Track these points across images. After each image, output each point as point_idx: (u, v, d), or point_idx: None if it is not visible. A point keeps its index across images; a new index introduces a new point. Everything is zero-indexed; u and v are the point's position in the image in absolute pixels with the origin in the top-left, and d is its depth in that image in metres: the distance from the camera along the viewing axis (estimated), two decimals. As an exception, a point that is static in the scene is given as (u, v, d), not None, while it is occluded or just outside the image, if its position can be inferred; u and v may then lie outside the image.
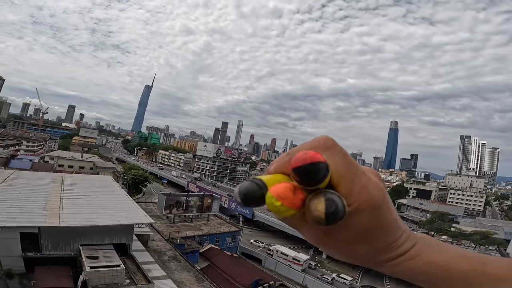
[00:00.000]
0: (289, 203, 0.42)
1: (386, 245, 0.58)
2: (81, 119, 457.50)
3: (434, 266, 0.57)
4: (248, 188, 0.44)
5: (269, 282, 30.50)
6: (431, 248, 0.60)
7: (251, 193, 0.44)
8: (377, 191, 0.52)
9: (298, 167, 0.42)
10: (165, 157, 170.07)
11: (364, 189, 0.50)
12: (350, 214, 0.50)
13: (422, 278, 0.59)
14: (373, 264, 0.61)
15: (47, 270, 18.46)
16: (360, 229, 0.53)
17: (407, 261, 0.58)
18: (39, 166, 58.82)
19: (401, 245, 0.58)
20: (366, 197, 0.50)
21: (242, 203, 0.44)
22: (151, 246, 28.82)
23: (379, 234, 0.56)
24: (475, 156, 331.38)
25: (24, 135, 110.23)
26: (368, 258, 0.60)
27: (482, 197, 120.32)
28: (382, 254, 0.58)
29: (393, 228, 0.57)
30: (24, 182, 29.71)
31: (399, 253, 0.58)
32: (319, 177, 0.43)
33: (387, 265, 0.60)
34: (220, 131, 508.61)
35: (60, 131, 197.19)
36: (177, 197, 42.76)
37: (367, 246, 0.57)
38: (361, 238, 0.55)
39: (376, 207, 0.52)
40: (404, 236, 0.59)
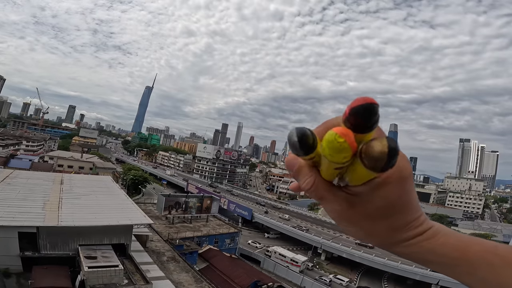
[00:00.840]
0: (350, 141, 0.44)
1: (406, 223, 0.59)
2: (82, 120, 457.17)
3: (451, 246, 0.59)
4: (304, 131, 0.46)
5: (267, 283, 30.47)
6: (447, 231, 0.62)
7: (306, 136, 0.46)
8: (406, 163, 0.54)
9: (358, 106, 0.43)
10: (165, 158, 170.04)
11: None
12: (379, 185, 0.52)
13: (437, 258, 0.60)
14: (390, 243, 0.63)
15: (45, 269, 18.43)
16: (385, 202, 0.55)
17: (425, 240, 0.60)
18: (39, 166, 58.79)
19: (421, 225, 0.60)
20: (396, 168, 0.50)
21: (298, 142, 0.46)
22: (150, 247, 28.78)
23: (402, 210, 0.57)
24: (474, 159, 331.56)
25: (24, 135, 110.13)
26: (387, 236, 0.61)
27: (481, 200, 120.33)
28: (402, 233, 0.60)
29: (415, 206, 0.59)
30: (23, 182, 29.70)
31: (418, 233, 0.60)
32: (375, 118, 0.44)
33: (404, 245, 0.61)
34: (220, 133, 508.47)
35: (60, 131, 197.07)
36: (177, 198, 42.77)
37: (388, 222, 0.59)
38: (385, 213, 0.57)
39: (404, 179, 0.54)
40: (423, 217, 0.61)
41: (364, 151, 0.46)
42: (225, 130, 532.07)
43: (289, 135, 0.47)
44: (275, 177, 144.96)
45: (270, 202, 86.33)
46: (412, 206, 0.59)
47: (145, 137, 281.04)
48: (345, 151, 0.45)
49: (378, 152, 0.44)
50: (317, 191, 0.56)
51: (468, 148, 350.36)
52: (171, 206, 40.67)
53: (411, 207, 0.58)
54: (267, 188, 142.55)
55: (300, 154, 0.50)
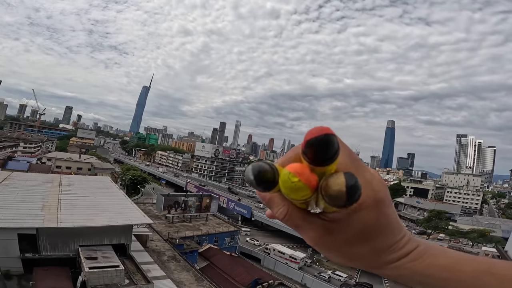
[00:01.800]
0: (306, 179, 0.42)
1: (388, 245, 0.56)
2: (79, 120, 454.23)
3: (438, 267, 0.55)
4: (261, 166, 0.43)
5: (268, 281, 30.57)
6: (434, 250, 0.58)
7: (263, 172, 0.43)
8: (381, 186, 0.52)
9: (313, 138, 0.40)
10: (164, 158, 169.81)
11: (368, 184, 0.50)
12: (354, 210, 0.50)
13: (425, 280, 0.57)
14: (374, 266, 0.60)
15: (46, 271, 18.42)
16: (363, 226, 0.52)
17: (410, 262, 0.57)
18: (37, 167, 58.56)
19: (404, 246, 0.57)
20: (370, 192, 0.50)
21: (254, 180, 0.43)
22: (150, 246, 28.79)
23: (382, 233, 0.55)
24: (471, 154, 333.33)
25: (21, 137, 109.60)
26: (369, 260, 0.58)
27: (479, 195, 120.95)
28: (384, 256, 0.57)
29: (396, 227, 0.56)
30: (21, 184, 29.58)
31: (402, 255, 0.57)
32: (333, 150, 0.41)
33: (388, 267, 0.58)
34: (218, 132, 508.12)
35: (58, 132, 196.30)
36: (176, 197, 42.75)
37: (369, 246, 0.56)
38: (364, 237, 0.54)
39: (380, 203, 0.52)
40: (406, 238, 0.58)
41: (323, 188, 0.43)
42: (223, 128, 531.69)
43: (245, 172, 0.45)
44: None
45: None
46: (392, 228, 0.56)
47: (143, 137, 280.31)
48: (302, 191, 0.43)
49: (336, 191, 0.41)
50: (291, 220, 0.54)
51: (465, 144, 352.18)
52: (170, 205, 40.67)
53: (391, 229, 0.56)
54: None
55: (261, 191, 0.47)
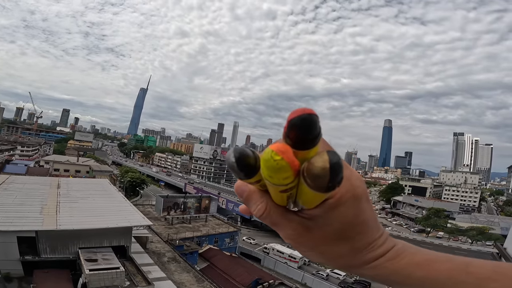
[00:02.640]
0: (289, 158, 0.40)
1: (366, 244, 0.56)
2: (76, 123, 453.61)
3: (416, 266, 0.55)
4: (243, 150, 0.43)
5: (268, 281, 30.58)
6: (411, 249, 0.58)
7: (245, 156, 0.43)
8: (359, 182, 0.52)
9: (296, 117, 0.39)
10: (162, 160, 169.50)
11: (347, 180, 0.49)
12: (333, 206, 0.50)
13: (403, 280, 0.56)
14: (352, 266, 0.59)
15: (46, 273, 18.39)
16: (342, 224, 0.52)
17: (388, 261, 0.56)
18: (35, 170, 58.36)
19: (382, 245, 0.57)
20: (348, 187, 0.50)
21: (236, 163, 0.42)
22: (150, 248, 28.76)
23: (360, 231, 0.55)
24: (468, 152, 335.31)
25: (19, 140, 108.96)
26: (348, 259, 0.58)
27: (477, 193, 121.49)
28: (363, 254, 0.57)
29: (374, 226, 0.57)
30: (19, 187, 29.50)
31: (380, 254, 0.57)
32: (316, 130, 0.40)
33: (367, 267, 0.58)
34: (216, 133, 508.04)
35: (55, 135, 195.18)
36: (175, 198, 42.72)
37: (348, 245, 0.56)
38: (343, 235, 0.54)
39: (358, 198, 0.52)
40: (384, 236, 0.58)
41: (306, 169, 0.41)
42: (221, 130, 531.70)
43: (226, 156, 0.44)
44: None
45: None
46: (370, 226, 0.56)
47: (141, 139, 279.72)
48: (284, 170, 0.41)
49: (319, 168, 0.39)
50: (269, 217, 0.54)
51: (462, 142, 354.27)
52: (169, 207, 40.63)
53: (370, 227, 0.56)
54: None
55: (241, 177, 0.45)
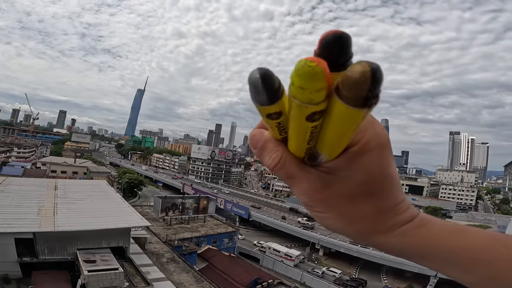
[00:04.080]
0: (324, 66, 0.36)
1: (392, 205, 0.51)
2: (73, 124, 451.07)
3: (449, 234, 0.50)
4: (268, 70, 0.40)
5: (267, 280, 30.61)
6: (437, 220, 0.53)
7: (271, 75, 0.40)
8: (383, 130, 0.48)
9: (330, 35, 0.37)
10: (160, 160, 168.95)
11: (372, 126, 0.47)
12: (356, 154, 0.46)
13: (433, 250, 0.50)
14: (377, 231, 0.52)
15: (44, 274, 18.28)
16: (366, 175, 0.47)
17: (417, 228, 0.51)
18: (31, 172, 57.99)
19: (406, 210, 0.52)
20: (373, 134, 0.46)
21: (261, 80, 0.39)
22: (149, 249, 28.67)
23: (386, 187, 0.49)
24: (464, 151, 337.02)
25: (15, 142, 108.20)
26: (372, 222, 0.51)
27: (474, 191, 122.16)
28: (389, 217, 0.51)
29: (398, 184, 0.51)
30: (16, 189, 29.32)
31: (407, 218, 0.51)
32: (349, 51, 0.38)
33: (394, 234, 0.51)
34: (214, 133, 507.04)
35: (52, 137, 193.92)
36: (173, 199, 42.62)
37: (372, 203, 0.50)
38: (367, 190, 0.49)
39: (383, 147, 0.47)
40: (407, 202, 0.53)
41: (343, 80, 0.37)
42: (218, 130, 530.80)
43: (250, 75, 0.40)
44: (270, 175, 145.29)
45: (266, 200, 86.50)
46: (396, 184, 0.50)
47: (139, 140, 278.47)
48: (319, 78, 0.36)
49: (359, 73, 0.35)
50: (285, 168, 0.49)
51: (459, 141, 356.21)
52: (168, 207, 40.55)
53: (395, 185, 0.50)
54: (262, 186, 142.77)
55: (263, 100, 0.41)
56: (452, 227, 0.51)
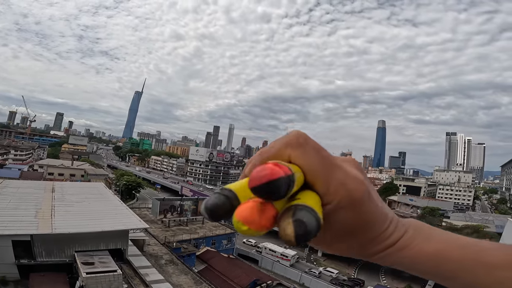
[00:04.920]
0: (256, 226, 0.38)
1: (372, 238, 0.55)
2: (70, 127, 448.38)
3: (425, 256, 0.54)
4: (215, 202, 0.40)
5: (266, 282, 30.58)
6: (422, 235, 0.57)
7: (218, 208, 0.40)
8: (356, 184, 0.49)
9: (255, 187, 0.38)
10: (158, 163, 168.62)
11: (342, 185, 0.48)
12: (332, 212, 0.49)
13: (415, 267, 0.56)
14: (364, 256, 0.59)
15: (42, 277, 18.17)
16: (344, 225, 0.51)
17: (397, 252, 0.56)
18: (28, 174, 57.65)
19: (389, 236, 0.56)
20: (344, 193, 0.48)
21: (210, 218, 0.40)
22: (147, 251, 28.56)
23: (363, 229, 0.53)
24: (461, 152, 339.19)
25: (12, 144, 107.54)
26: (358, 251, 0.58)
27: (471, 191, 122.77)
28: (371, 247, 0.56)
29: (379, 220, 0.55)
30: (13, 191, 29.16)
31: (388, 244, 0.56)
32: (280, 193, 0.38)
33: (378, 257, 0.57)
34: (212, 135, 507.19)
35: (49, 139, 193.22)
36: (171, 201, 42.52)
37: (354, 240, 0.55)
38: (348, 234, 0.53)
39: (357, 202, 0.49)
40: (392, 227, 0.56)
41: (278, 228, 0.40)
42: (216, 132, 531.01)
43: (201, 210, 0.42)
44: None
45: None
46: (375, 222, 0.54)
47: (137, 142, 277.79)
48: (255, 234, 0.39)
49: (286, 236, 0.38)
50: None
51: (455, 141, 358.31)
52: (166, 209, 40.46)
53: (373, 224, 0.54)
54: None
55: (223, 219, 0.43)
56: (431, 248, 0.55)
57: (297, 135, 0.48)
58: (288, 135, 0.49)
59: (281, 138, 0.49)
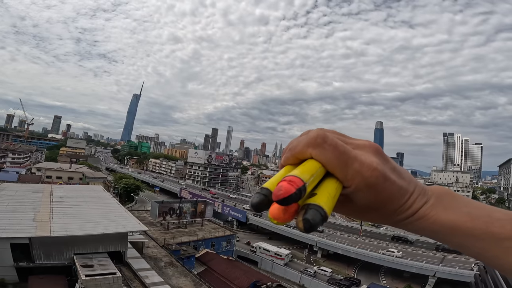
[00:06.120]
0: (282, 220, 0.52)
1: (393, 210, 0.62)
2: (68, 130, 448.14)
3: (440, 225, 0.60)
4: (257, 201, 0.53)
5: (266, 283, 30.47)
6: (441, 205, 0.62)
7: (260, 204, 0.53)
8: (371, 172, 0.57)
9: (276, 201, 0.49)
10: (156, 165, 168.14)
11: (357, 174, 0.56)
12: (352, 193, 0.59)
13: (432, 235, 0.64)
14: (390, 224, 0.67)
15: (41, 279, 18.08)
16: (365, 202, 0.60)
17: (416, 221, 0.62)
18: (26, 178, 57.42)
19: (409, 208, 0.62)
20: (360, 180, 0.56)
21: (256, 211, 0.58)
22: (147, 253, 28.45)
23: (384, 204, 0.61)
24: (459, 152, 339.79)
25: (9, 147, 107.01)
26: (383, 220, 0.66)
27: (469, 191, 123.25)
28: (394, 216, 0.64)
29: (397, 196, 0.61)
30: (11, 194, 29.06)
31: (409, 214, 0.62)
32: (295, 201, 0.50)
33: (401, 224, 0.65)
34: (210, 138, 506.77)
35: (47, 142, 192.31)
36: (170, 204, 42.43)
37: (377, 212, 0.63)
38: (370, 208, 0.62)
39: (372, 186, 0.57)
40: (412, 199, 0.62)
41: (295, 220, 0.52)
42: (215, 135, 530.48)
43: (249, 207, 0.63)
44: (267, 179, 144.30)
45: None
46: (392, 199, 0.61)
47: (135, 145, 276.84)
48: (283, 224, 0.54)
49: (299, 228, 0.50)
50: None
51: (452, 142, 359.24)
52: (165, 212, 40.37)
53: (391, 200, 0.61)
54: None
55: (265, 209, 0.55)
56: (446, 218, 0.61)
57: (316, 136, 0.57)
58: (309, 135, 0.58)
59: (304, 138, 0.58)
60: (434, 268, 40.57)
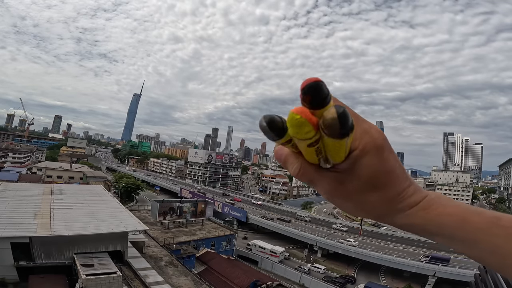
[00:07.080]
0: (306, 116, 0.49)
1: (396, 193, 0.60)
2: (69, 129, 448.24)
3: (448, 216, 0.58)
4: (273, 116, 0.52)
5: (266, 282, 30.52)
6: (444, 201, 0.61)
7: (275, 120, 0.51)
8: (379, 134, 0.57)
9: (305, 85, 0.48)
10: (157, 165, 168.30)
11: (366, 133, 0.56)
12: (358, 157, 0.56)
13: (436, 229, 0.60)
14: (387, 214, 0.63)
15: (42, 278, 18.12)
16: (369, 173, 0.57)
17: (421, 210, 0.60)
18: (27, 177, 57.49)
19: (412, 195, 0.61)
20: (368, 139, 0.55)
21: (267, 126, 0.51)
22: (147, 253, 28.48)
23: (388, 179, 0.58)
24: (459, 152, 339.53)
25: (10, 147, 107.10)
26: (382, 208, 0.62)
27: (469, 191, 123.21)
28: (395, 203, 0.61)
29: (400, 175, 0.60)
30: (12, 194, 29.08)
31: (412, 203, 0.60)
32: (323, 93, 0.48)
33: (401, 216, 0.62)
34: (210, 137, 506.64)
35: (47, 142, 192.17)
36: (171, 203, 42.44)
37: (379, 194, 0.60)
38: (372, 184, 0.58)
39: (379, 148, 0.56)
40: (413, 187, 0.62)
41: (322, 123, 0.49)
42: (215, 134, 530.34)
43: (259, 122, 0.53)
44: (267, 178, 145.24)
45: (265, 204, 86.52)
46: (398, 175, 0.60)
47: (136, 144, 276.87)
48: (305, 126, 0.49)
49: (330, 119, 0.47)
50: (305, 175, 0.60)
51: (453, 142, 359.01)
52: (165, 211, 40.40)
53: (397, 176, 0.59)
54: (260, 189, 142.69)
55: (273, 138, 0.53)
56: (454, 209, 0.59)
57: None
58: None
59: None
60: (434, 268, 40.57)
